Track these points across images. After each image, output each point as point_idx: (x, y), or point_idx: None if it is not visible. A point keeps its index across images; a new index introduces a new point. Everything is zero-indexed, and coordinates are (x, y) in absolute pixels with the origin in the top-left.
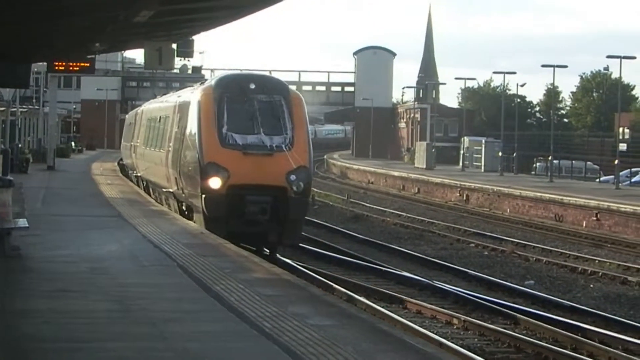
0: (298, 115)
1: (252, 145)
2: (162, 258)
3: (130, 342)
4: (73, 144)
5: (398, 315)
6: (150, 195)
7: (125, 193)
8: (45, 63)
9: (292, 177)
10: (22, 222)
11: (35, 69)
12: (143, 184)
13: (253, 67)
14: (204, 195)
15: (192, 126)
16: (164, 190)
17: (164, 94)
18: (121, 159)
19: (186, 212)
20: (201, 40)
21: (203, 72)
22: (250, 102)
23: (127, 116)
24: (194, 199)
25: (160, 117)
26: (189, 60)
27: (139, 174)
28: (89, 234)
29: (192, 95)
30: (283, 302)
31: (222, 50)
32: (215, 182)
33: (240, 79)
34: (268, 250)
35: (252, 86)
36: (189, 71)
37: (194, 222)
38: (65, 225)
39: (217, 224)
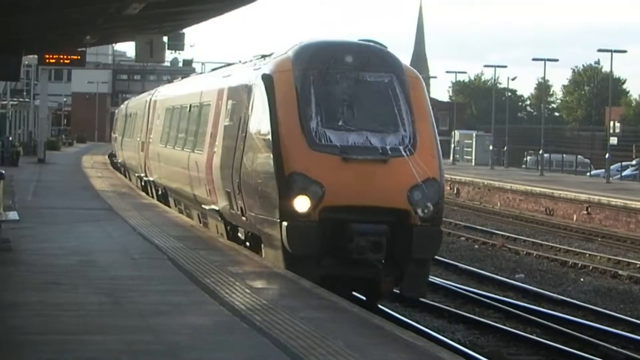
0: (419, 102)
1: (355, 148)
2: (152, 251)
3: (119, 335)
4: (63, 136)
5: (388, 309)
6: (169, 206)
7: (116, 186)
8: (36, 56)
9: (417, 195)
10: (13, 215)
11: (26, 62)
12: (157, 191)
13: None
14: (285, 223)
15: (259, 119)
16: (204, 207)
17: (183, 77)
18: (112, 154)
19: (247, 243)
20: (191, 34)
21: (194, 65)
22: (348, 84)
23: (122, 106)
24: (265, 225)
25: (191, 106)
26: (179, 53)
27: (152, 179)
28: (79, 227)
29: (256, 73)
30: (274, 296)
31: (212, 44)
32: (302, 203)
33: (332, 49)
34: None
35: (350, 59)
36: (180, 64)
37: (264, 257)
38: (56, 218)
39: (306, 264)
